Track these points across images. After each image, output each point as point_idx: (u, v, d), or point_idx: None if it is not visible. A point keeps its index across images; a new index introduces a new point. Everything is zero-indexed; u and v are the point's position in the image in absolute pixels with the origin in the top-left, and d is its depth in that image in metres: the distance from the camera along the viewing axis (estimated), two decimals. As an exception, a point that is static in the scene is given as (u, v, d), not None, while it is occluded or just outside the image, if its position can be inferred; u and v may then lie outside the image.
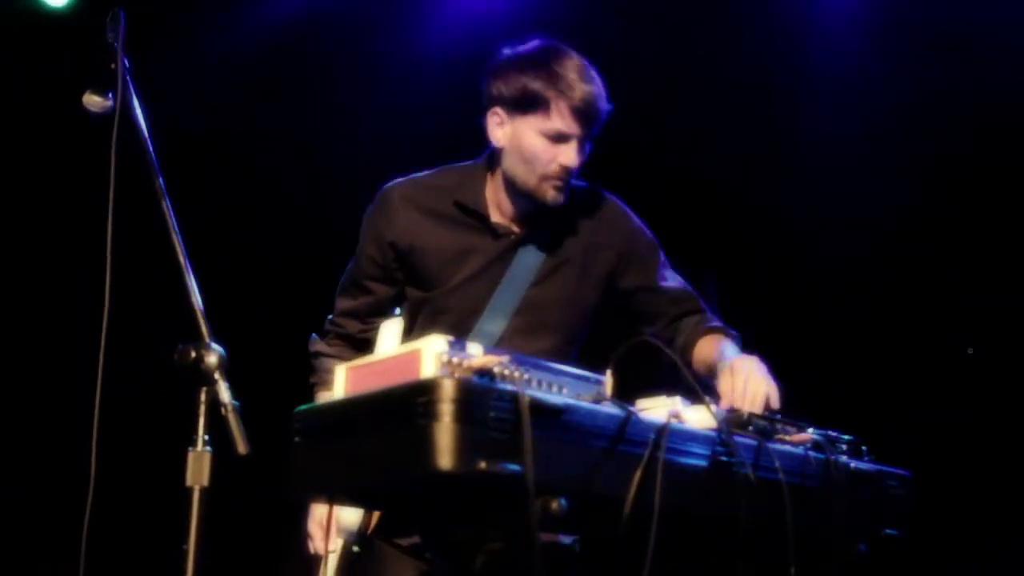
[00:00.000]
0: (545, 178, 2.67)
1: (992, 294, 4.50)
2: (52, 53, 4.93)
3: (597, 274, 2.83)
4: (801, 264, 4.75)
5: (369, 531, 2.61)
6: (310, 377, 2.87)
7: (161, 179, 2.24)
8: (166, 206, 2.22)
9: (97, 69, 2.35)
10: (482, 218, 2.78)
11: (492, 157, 2.79)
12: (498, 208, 2.79)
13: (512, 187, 2.73)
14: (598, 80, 2.67)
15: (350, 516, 2.64)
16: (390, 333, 2.82)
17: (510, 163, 2.71)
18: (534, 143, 2.65)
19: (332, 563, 2.66)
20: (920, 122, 4.53)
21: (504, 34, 2.81)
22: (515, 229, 2.78)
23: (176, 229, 2.20)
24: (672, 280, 2.88)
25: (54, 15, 5.20)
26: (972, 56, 4.42)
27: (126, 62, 2.32)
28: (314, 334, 2.90)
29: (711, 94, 4.82)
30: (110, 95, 2.34)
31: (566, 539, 2.67)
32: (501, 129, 2.71)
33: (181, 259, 2.17)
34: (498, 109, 2.70)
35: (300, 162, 5.28)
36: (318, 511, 2.71)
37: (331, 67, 5.23)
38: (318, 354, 2.87)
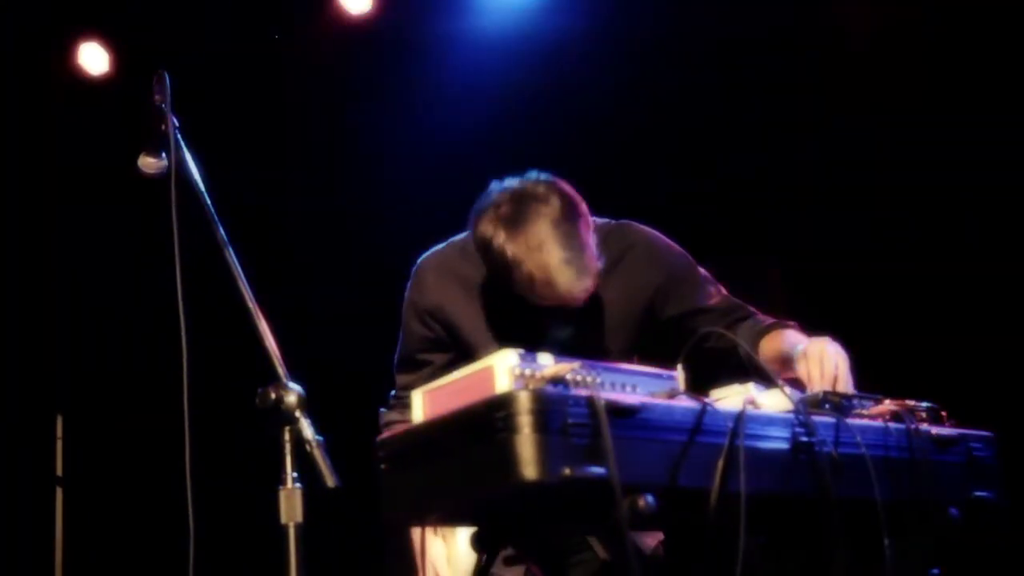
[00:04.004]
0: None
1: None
2: (100, 119, 5.07)
3: (635, 311, 2.77)
4: (854, 230, 4.72)
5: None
6: None
7: (222, 229, 2.30)
8: (229, 255, 2.28)
9: (148, 131, 2.42)
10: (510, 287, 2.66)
11: None
12: None
13: None
14: (577, 250, 2.49)
15: (464, 558, 2.65)
16: None
17: None
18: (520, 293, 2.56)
19: None
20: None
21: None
22: None
23: (242, 276, 2.25)
24: (715, 294, 2.82)
25: (94, 83, 5.36)
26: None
27: (175, 121, 2.39)
28: (382, 408, 2.89)
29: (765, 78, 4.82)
30: (163, 155, 2.41)
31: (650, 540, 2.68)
32: None
33: (250, 304, 2.23)
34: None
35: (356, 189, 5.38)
36: (427, 565, 2.69)
37: (378, 102, 5.31)
38: (390, 423, 2.84)
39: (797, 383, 2.39)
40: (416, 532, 2.70)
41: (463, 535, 2.61)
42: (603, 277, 2.67)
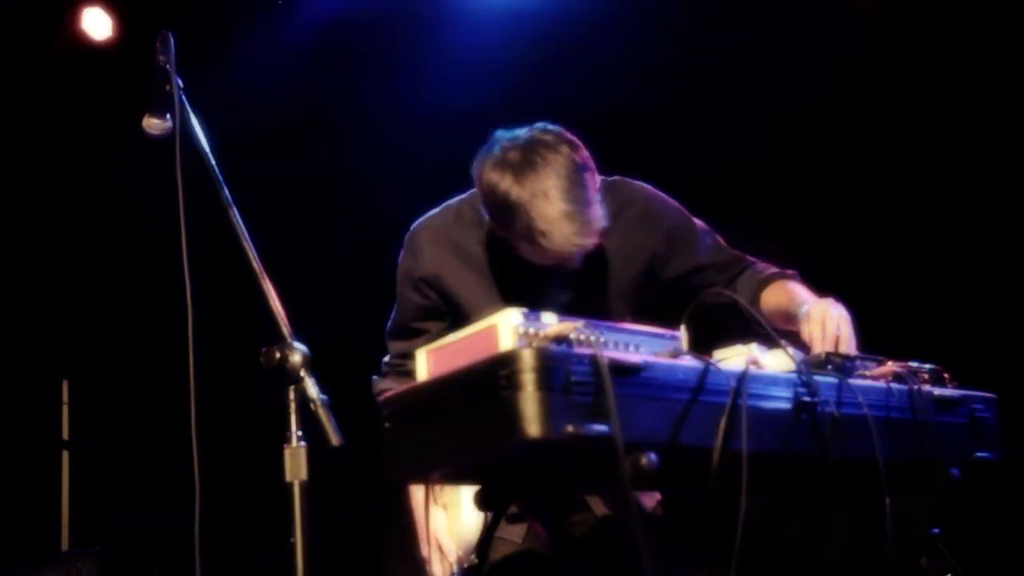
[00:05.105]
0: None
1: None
2: (106, 83, 5.06)
3: (633, 274, 2.76)
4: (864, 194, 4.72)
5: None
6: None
7: (227, 190, 2.30)
8: (234, 216, 2.28)
9: (152, 92, 2.41)
10: (507, 250, 2.65)
11: None
12: None
13: None
14: (582, 205, 2.46)
15: (468, 528, 2.67)
16: None
17: None
18: (518, 246, 2.55)
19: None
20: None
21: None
22: None
23: (247, 237, 2.26)
24: (714, 248, 2.82)
25: (100, 48, 5.34)
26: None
27: (180, 82, 2.38)
28: (375, 376, 2.90)
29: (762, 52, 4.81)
30: (168, 116, 2.41)
31: (648, 501, 2.70)
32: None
33: (255, 265, 2.23)
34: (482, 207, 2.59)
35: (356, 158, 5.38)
36: (430, 535, 2.71)
37: (381, 66, 5.29)
38: (383, 391, 2.77)
39: (799, 338, 2.41)
40: (417, 497, 2.72)
41: (467, 503, 2.62)
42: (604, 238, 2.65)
